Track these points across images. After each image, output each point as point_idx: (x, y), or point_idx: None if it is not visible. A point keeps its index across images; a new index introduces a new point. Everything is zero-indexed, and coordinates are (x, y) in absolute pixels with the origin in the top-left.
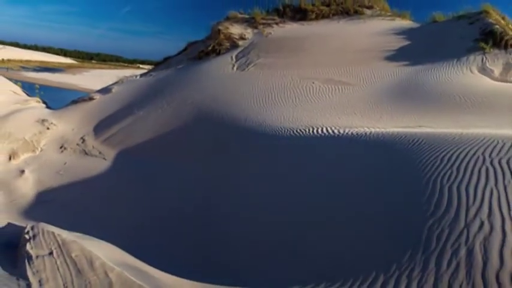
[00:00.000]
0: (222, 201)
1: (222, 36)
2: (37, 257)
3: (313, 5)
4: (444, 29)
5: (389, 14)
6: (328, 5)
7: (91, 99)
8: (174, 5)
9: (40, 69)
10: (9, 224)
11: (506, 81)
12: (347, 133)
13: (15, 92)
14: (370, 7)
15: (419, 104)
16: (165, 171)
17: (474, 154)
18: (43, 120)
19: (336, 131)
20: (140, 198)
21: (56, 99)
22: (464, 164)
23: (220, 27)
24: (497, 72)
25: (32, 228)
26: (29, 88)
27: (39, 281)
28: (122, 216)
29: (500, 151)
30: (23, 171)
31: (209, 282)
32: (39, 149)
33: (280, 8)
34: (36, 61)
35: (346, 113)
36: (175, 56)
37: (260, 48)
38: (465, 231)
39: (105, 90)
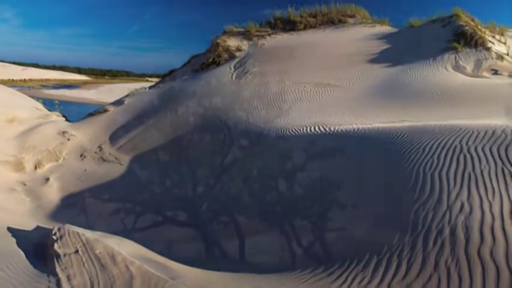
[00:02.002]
0: (226, 198)
1: (220, 48)
2: (64, 255)
3: (301, 16)
4: (420, 32)
5: (370, 21)
6: (314, 16)
7: (106, 111)
8: (176, 22)
9: (59, 86)
10: (37, 227)
11: (478, 77)
12: (337, 130)
13: (37, 108)
14: (352, 16)
15: (401, 101)
16: (174, 173)
17: (452, 143)
18: (64, 132)
19: (327, 128)
20: (153, 198)
21: (74, 112)
22: (443, 153)
23: (218, 41)
24: (469, 69)
25: (59, 229)
26: (50, 104)
27: (68, 277)
28: (138, 214)
29: (475, 140)
30: (47, 179)
31: (215, 269)
32: (62, 158)
33: (272, 20)
34: (54, 79)
35: (336, 112)
36: (180, 68)
37: (255, 58)
38: (448, 213)
39: (118, 103)
